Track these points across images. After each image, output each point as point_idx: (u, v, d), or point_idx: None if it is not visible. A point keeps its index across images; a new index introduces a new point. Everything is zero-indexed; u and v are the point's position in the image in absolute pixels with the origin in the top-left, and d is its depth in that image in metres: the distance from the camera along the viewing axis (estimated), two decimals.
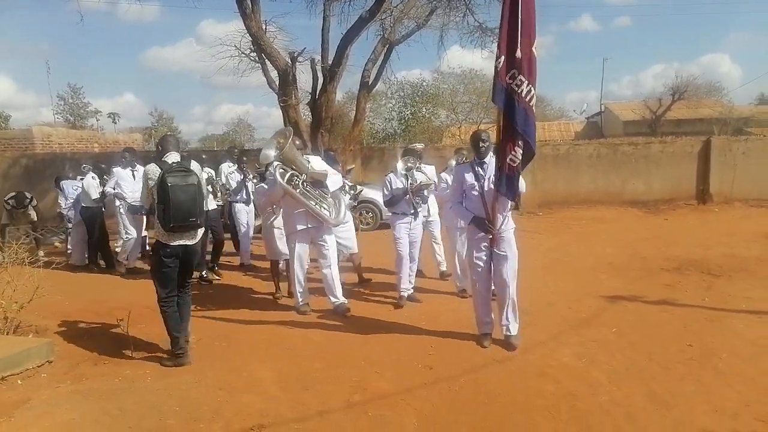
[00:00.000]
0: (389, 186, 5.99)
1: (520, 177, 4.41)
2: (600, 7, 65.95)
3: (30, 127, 19.82)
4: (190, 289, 4.79)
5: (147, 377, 4.24)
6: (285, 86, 11.24)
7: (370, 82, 12.34)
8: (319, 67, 11.55)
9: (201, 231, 4.63)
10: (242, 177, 8.04)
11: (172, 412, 3.64)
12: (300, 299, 5.85)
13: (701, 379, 3.95)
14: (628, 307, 5.76)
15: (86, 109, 36.92)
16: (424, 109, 25.45)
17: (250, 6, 10.73)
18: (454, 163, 6.35)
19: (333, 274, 5.73)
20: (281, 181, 5.33)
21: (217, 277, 7.69)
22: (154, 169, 4.47)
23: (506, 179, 4.33)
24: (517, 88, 4.15)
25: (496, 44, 4.32)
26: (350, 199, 6.88)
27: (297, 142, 5.75)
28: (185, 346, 4.53)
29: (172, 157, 4.55)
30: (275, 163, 5.41)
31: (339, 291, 5.78)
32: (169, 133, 5.54)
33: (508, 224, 4.64)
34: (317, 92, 11.68)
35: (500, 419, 3.49)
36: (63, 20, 76.68)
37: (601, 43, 67.50)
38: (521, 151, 4.27)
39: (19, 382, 4.18)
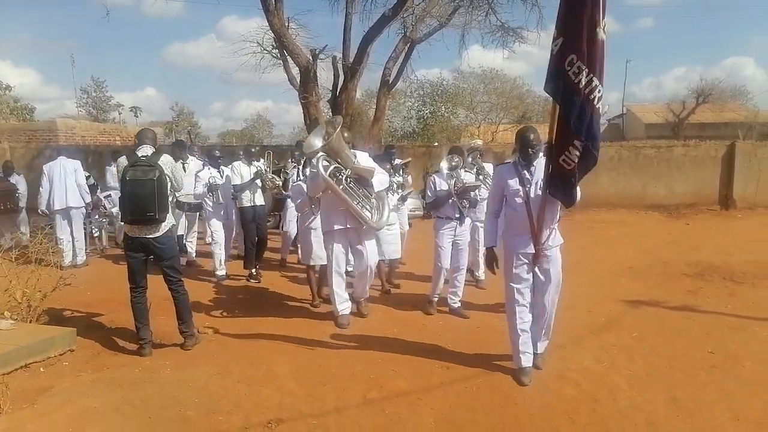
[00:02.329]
0: (433, 188, 5.54)
1: (577, 185, 3.73)
2: (620, 8, 65.05)
3: (54, 119, 20.21)
4: (180, 284, 4.71)
5: (166, 368, 4.28)
6: (306, 83, 11.31)
7: (390, 80, 12.36)
8: (340, 65, 11.62)
9: (165, 225, 4.54)
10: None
11: (191, 404, 3.67)
12: (339, 308, 5.26)
13: (724, 386, 3.88)
14: (649, 312, 5.69)
15: (109, 103, 37.33)
16: (443, 108, 25.45)
17: (273, 3, 10.79)
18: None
19: (365, 281, 5.40)
20: (323, 173, 4.77)
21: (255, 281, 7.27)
22: (123, 161, 4.52)
23: (560, 184, 3.69)
24: (574, 77, 3.47)
25: (555, 23, 3.56)
26: (398, 200, 6.60)
27: (346, 134, 5.21)
28: (147, 337, 4.60)
29: (143, 150, 4.54)
30: (319, 153, 4.88)
31: (363, 297, 5.64)
32: (147, 128, 5.50)
33: (554, 239, 3.98)
34: (338, 89, 11.73)
35: (518, 421, 3.47)
36: (88, 15, 77.63)
37: (622, 44, 66.46)
38: (578, 153, 3.57)
39: (41, 369, 4.25)
